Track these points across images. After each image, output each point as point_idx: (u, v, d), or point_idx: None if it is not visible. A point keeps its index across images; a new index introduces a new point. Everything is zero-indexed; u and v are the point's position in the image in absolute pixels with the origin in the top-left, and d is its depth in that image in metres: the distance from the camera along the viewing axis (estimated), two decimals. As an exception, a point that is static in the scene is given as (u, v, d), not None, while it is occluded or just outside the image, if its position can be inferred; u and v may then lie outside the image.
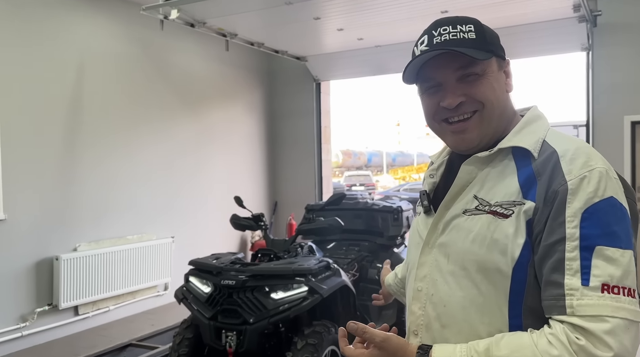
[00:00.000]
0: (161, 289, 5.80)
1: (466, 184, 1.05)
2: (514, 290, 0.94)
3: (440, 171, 1.18)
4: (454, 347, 0.92)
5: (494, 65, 1.04)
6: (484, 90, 1.02)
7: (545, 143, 0.99)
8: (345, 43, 6.42)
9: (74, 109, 4.91)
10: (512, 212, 0.95)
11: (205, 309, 3.09)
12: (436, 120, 1.08)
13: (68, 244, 4.81)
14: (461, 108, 1.03)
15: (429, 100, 1.07)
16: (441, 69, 1.03)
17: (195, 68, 6.33)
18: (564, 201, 0.90)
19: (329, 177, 7.70)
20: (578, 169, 0.92)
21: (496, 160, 1.03)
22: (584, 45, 5.62)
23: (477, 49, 1.00)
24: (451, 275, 1.01)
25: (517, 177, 0.98)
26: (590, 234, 0.87)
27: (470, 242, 0.98)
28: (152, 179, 5.69)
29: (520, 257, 0.93)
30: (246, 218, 3.71)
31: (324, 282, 3.06)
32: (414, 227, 1.19)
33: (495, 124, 1.04)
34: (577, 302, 0.85)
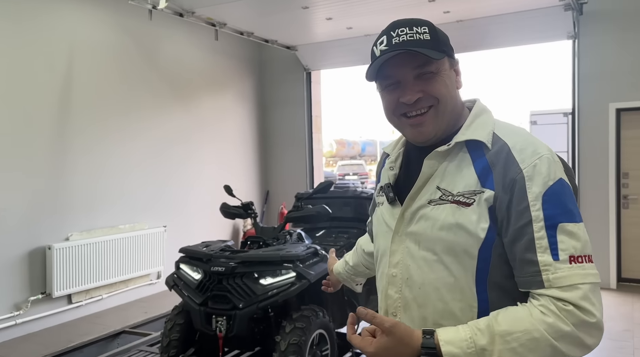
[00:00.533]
0: (154, 278, 5.86)
1: (429, 176, 1.14)
2: (480, 268, 1.05)
3: (399, 163, 1.26)
4: (457, 328, 1.00)
5: (446, 64, 1.14)
6: (439, 87, 1.12)
7: (495, 135, 1.10)
8: (334, 32, 6.45)
9: (64, 99, 4.92)
10: (474, 201, 1.05)
11: (196, 295, 3.16)
12: (395, 115, 1.17)
13: (60, 234, 4.86)
14: (419, 103, 1.12)
15: (389, 96, 1.16)
16: (400, 68, 1.12)
17: (185, 58, 6.34)
18: (524, 188, 1.01)
19: (320, 166, 7.76)
20: (529, 158, 1.03)
21: (453, 153, 1.13)
22: (569, 33, 5.68)
23: (431, 49, 1.09)
24: (423, 260, 1.11)
25: (473, 168, 1.08)
26: (552, 214, 1.00)
27: (438, 229, 1.08)
28: (144, 168, 5.73)
29: (485, 239, 1.04)
30: (236, 207, 3.77)
31: (312, 268, 3.13)
32: (380, 216, 1.27)
33: (448, 118, 1.14)
34: (552, 275, 0.97)
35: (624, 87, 5.54)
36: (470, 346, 0.97)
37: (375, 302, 3.99)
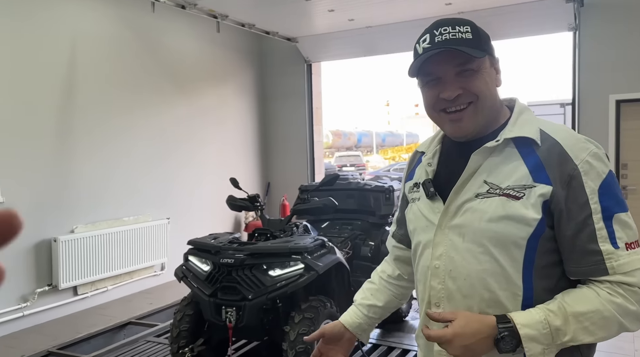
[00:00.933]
0: (158, 269, 5.91)
1: (474, 171, 1.18)
2: (527, 257, 1.11)
3: (436, 159, 1.30)
4: (529, 311, 1.08)
5: (487, 63, 1.18)
6: (479, 84, 1.16)
7: (543, 132, 1.16)
8: (336, 24, 6.45)
9: (68, 92, 4.92)
10: (524, 195, 1.11)
11: (205, 287, 3.20)
12: (435, 110, 1.21)
13: (65, 226, 4.89)
14: (458, 99, 1.16)
15: (430, 92, 1.20)
16: (441, 65, 1.16)
17: (187, 50, 6.34)
18: (581, 182, 1.08)
19: (320, 158, 7.79)
20: (581, 154, 1.10)
21: (499, 149, 1.17)
22: (570, 25, 5.71)
23: (473, 48, 1.14)
24: (468, 252, 1.16)
25: (524, 163, 1.13)
26: (608, 205, 1.09)
27: (487, 221, 1.13)
28: (146, 161, 5.75)
29: (535, 230, 1.10)
30: (242, 199, 3.80)
31: (320, 260, 3.17)
32: (417, 212, 1.29)
33: (487, 114, 1.19)
34: (616, 263, 1.06)
35: (624, 78, 5.59)
36: (545, 327, 1.04)
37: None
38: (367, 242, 4.15)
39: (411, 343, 3.84)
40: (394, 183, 4.45)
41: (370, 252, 4.09)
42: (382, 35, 6.65)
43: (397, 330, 4.16)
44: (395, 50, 7.01)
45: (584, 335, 1.05)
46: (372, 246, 4.13)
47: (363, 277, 3.95)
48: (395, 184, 4.43)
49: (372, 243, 4.14)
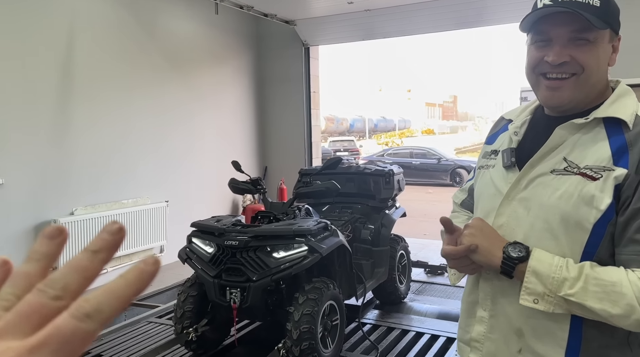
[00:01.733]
0: (157, 252, 5.94)
1: (556, 146, 1.13)
2: (591, 243, 1.06)
3: (524, 129, 1.24)
4: (553, 255, 1.06)
5: (606, 37, 1.10)
6: (589, 57, 1.08)
7: (638, 116, 1.08)
8: (334, 7, 6.42)
9: (66, 74, 4.88)
10: (601, 176, 1.04)
11: (209, 268, 3.24)
12: (535, 73, 1.14)
13: (65, 208, 4.89)
14: (562, 67, 1.09)
15: (536, 52, 1.13)
16: (557, 27, 1.08)
17: (185, 31, 6.28)
18: None
19: (318, 142, 7.81)
20: None
21: (587, 127, 1.11)
22: (569, 11, 5.72)
23: (597, 17, 1.05)
24: (530, 226, 1.12)
25: (608, 145, 1.07)
26: None
27: (557, 198, 1.08)
28: (145, 143, 5.74)
29: (604, 215, 1.04)
30: (245, 182, 3.82)
31: (323, 242, 3.22)
32: (488, 179, 1.26)
33: (588, 91, 1.11)
34: None
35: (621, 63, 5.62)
36: (557, 272, 1.02)
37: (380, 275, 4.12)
38: (367, 225, 4.21)
39: (410, 324, 3.92)
40: (394, 167, 4.49)
41: (370, 235, 4.14)
42: (381, 19, 6.62)
43: (396, 311, 4.24)
44: (394, 34, 6.99)
45: (589, 297, 0.99)
46: (372, 229, 4.18)
47: (363, 260, 4.04)
48: (395, 168, 4.48)
49: (372, 226, 4.19)
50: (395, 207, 4.54)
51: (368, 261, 4.05)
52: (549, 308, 1.03)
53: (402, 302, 4.41)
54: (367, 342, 3.58)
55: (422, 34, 6.97)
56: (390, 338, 3.70)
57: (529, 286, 1.04)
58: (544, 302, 1.03)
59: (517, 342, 1.14)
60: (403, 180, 4.61)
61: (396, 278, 4.33)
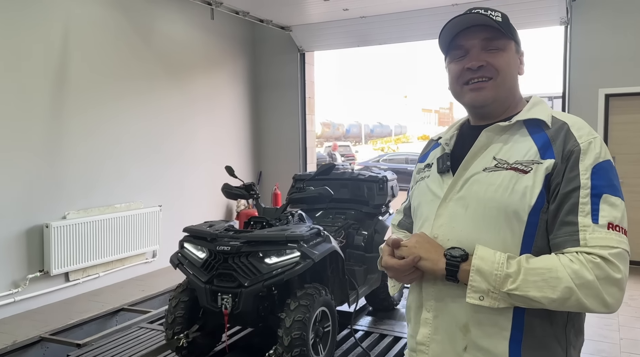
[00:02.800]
0: (149, 256, 5.91)
1: (484, 147, 1.25)
2: (527, 233, 1.14)
3: (453, 141, 1.36)
4: (494, 251, 1.12)
5: (513, 48, 1.27)
6: (502, 62, 1.24)
7: (554, 117, 1.23)
8: (330, 13, 6.44)
9: (60, 78, 4.87)
10: (531, 169, 1.15)
11: (201, 274, 3.22)
12: (459, 84, 1.28)
13: (57, 212, 4.86)
14: (481, 71, 1.23)
15: (456, 66, 1.28)
16: (471, 39, 1.25)
17: (180, 36, 6.28)
18: (578, 158, 1.13)
19: (312, 148, 7.81)
20: (586, 136, 1.16)
21: (511, 130, 1.24)
22: (562, 19, 5.77)
23: (501, 28, 1.22)
24: (469, 221, 1.19)
25: (533, 142, 1.19)
26: (598, 184, 1.10)
27: (493, 191, 1.17)
28: (139, 147, 5.72)
29: (536, 203, 1.12)
30: (238, 187, 3.81)
31: (315, 248, 3.21)
32: (424, 187, 1.36)
33: (506, 93, 1.26)
34: (589, 235, 1.07)
35: (613, 73, 5.67)
36: (499, 270, 1.08)
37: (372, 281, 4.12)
38: (360, 231, 4.20)
39: (402, 331, 3.91)
40: (388, 173, 4.49)
41: (363, 241, 4.13)
42: (376, 26, 6.65)
43: (389, 318, 4.23)
44: (389, 41, 7.02)
45: (530, 288, 1.05)
46: (366, 235, 4.17)
47: (356, 266, 4.03)
48: (389, 174, 4.48)
49: (365, 232, 4.18)
50: (389, 213, 4.54)
51: (361, 267, 4.04)
52: (494, 304, 1.09)
53: (394, 308, 4.40)
54: (359, 349, 3.56)
55: (418, 40, 6.99)
56: (383, 345, 3.69)
57: (474, 284, 1.10)
58: (489, 299, 1.09)
59: (462, 340, 1.18)
60: (397, 186, 4.61)
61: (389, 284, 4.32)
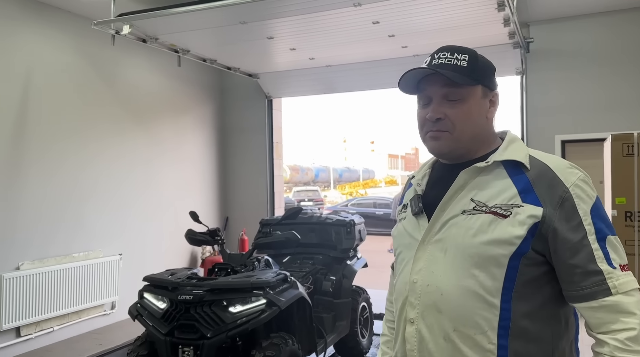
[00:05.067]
0: (108, 308, 5.63)
1: (462, 188, 1.21)
2: (508, 277, 1.10)
3: (425, 181, 1.34)
4: None
5: (478, 93, 1.22)
6: (460, 115, 1.20)
7: (532, 157, 1.19)
8: (297, 62, 6.58)
9: (19, 122, 4.75)
10: (511, 213, 1.12)
11: (161, 325, 3.08)
12: (423, 131, 1.26)
13: (11, 263, 4.61)
14: (438, 123, 1.21)
15: (421, 112, 1.26)
16: (431, 86, 1.22)
17: (147, 83, 6.28)
18: (574, 204, 1.10)
19: (280, 192, 7.78)
20: (571, 177, 1.13)
21: (488, 170, 1.20)
22: (518, 69, 6.07)
23: (463, 75, 1.18)
24: (448, 266, 1.15)
25: (513, 184, 1.16)
26: (600, 227, 1.10)
27: (472, 236, 1.13)
28: (100, 194, 5.56)
29: (518, 249, 1.10)
30: (202, 233, 3.73)
31: (282, 295, 3.13)
32: (402, 230, 1.32)
33: (465, 143, 1.23)
34: (617, 282, 1.06)
35: (567, 120, 5.95)
36: None
37: (341, 328, 4.03)
38: (328, 276, 4.14)
39: (373, 380, 3.79)
40: (355, 217, 4.49)
41: (331, 287, 4.07)
42: (341, 74, 6.82)
43: (359, 367, 4.11)
44: (354, 88, 7.20)
45: None
46: (334, 280, 4.11)
47: (324, 313, 3.94)
48: (357, 218, 4.47)
49: (334, 278, 4.12)
50: (357, 257, 4.51)
51: (329, 314, 3.95)
52: None
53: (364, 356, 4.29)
54: (328, 401, 3.43)
55: (381, 89, 7.19)
56: (353, 396, 3.56)
57: None
58: None
59: None
60: (364, 230, 4.60)
61: (358, 332, 4.23)
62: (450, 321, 1.13)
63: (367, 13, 4.60)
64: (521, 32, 5.34)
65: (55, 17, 5.09)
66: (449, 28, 5.08)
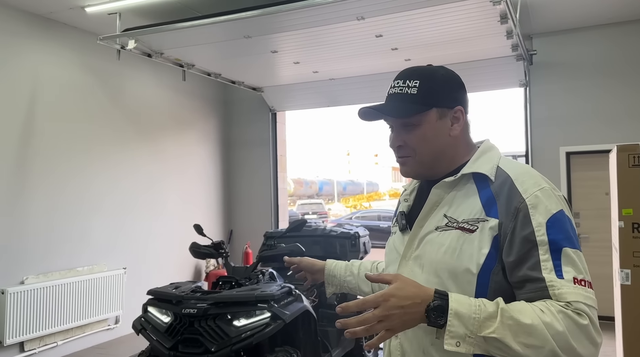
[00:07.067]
0: (112, 323, 5.60)
1: (435, 204, 1.23)
2: (479, 293, 1.10)
3: (413, 196, 1.37)
4: (467, 297, 1.05)
5: (433, 116, 1.22)
6: (417, 140, 1.22)
7: (500, 168, 1.19)
8: (300, 75, 6.62)
9: (25, 136, 4.78)
10: (477, 228, 1.13)
11: (165, 339, 3.05)
12: (395, 154, 1.31)
13: (15, 277, 4.61)
14: (400, 150, 1.26)
15: (390, 138, 1.30)
16: (388, 116, 1.26)
17: (152, 97, 6.32)
18: (528, 215, 1.08)
19: (285, 205, 7.77)
20: (531, 188, 1.12)
21: (460, 184, 1.21)
22: (521, 81, 6.08)
23: (412, 103, 1.20)
24: (426, 282, 1.14)
25: (479, 198, 1.17)
26: (555, 239, 1.06)
27: (443, 253, 1.15)
28: (105, 209, 5.57)
29: (484, 265, 1.10)
30: (206, 246, 3.71)
31: (287, 308, 3.10)
32: (391, 244, 1.35)
33: (429, 164, 1.25)
34: (558, 291, 1.02)
35: (572, 131, 5.94)
36: (477, 312, 1.00)
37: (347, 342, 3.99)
38: (333, 290, 4.10)
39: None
40: (360, 229, 4.47)
41: (336, 300, 4.03)
42: (344, 87, 6.86)
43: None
44: (357, 101, 7.22)
45: (507, 332, 0.98)
46: (339, 293, 4.07)
47: (329, 326, 3.91)
48: (361, 231, 4.46)
49: (338, 291, 4.09)
50: (362, 270, 4.47)
51: (334, 327, 3.91)
52: (470, 349, 1.00)
53: (370, 371, 4.24)
54: (334, 417, 3.38)
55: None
56: (358, 411, 3.51)
57: (452, 329, 1.00)
58: (465, 344, 1.00)
59: None
60: (369, 242, 4.58)
61: (363, 345, 4.18)
62: (427, 335, 1.14)
63: (370, 26, 4.63)
64: (524, 44, 5.37)
65: (62, 32, 5.16)
66: (452, 41, 5.10)
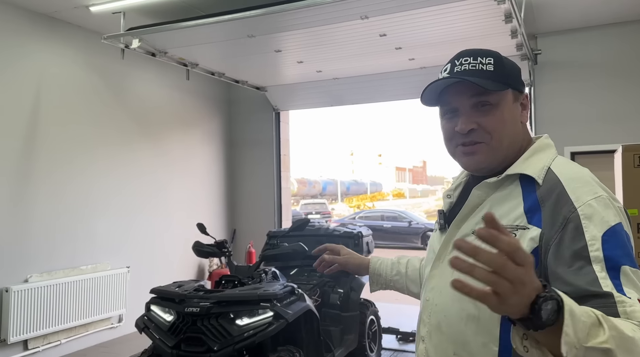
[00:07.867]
0: (115, 321, 5.61)
1: (475, 206, 1.12)
2: None
3: (457, 192, 1.26)
4: None
5: (509, 97, 1.11)
6: (495, 122, 1.09)
7: (550, 171, 1.06)
8: (304, 75, 6.61)
9: (29, 135, 4.79)
10: (515, 235, 1.00)
11: (168, 338, 3.06)
12: (452, 144, 1.15)
13: (19, 275, 4.62)
14: (471, 134, 1.10)
15: (447, 124, 1.15)
16: (457, 96, 1.11)
17: (155, 96, 6.33)
18: (580, 227, 0.94)
19: (288, 205, 7.76)
20: (585, 196, 0.97)
21: (504, 185, 1.10)
22: (526, 81, 6.05)
23: (492, 81, 1.07)
24: None
25: (522, 202, 1.04)
26: (613, 255, 0.91)
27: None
28: (109, 208, 5.58)
29: None
30: (209, 245, 3.72)
31: (289, 307, 3.10)
32: (430, 243, 1.27)
33: (504, 152, 1.11)
34: (630, 308, 0.86)
35: (577, 131, 5.91)
36: (590, 316, 0.81)
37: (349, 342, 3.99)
38: (336, 289, 4.10)
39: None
40: (363, 229, 4.47)
41: (339, 299, 4.03)
42: (348, 87, 6.84)
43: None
44: (361, 101, 7.21)
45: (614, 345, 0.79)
46: (342, 293, 4.07)
47: (332, 326, 3.90)
48: (365, 230, 4.45)
49: (341, 290, 4.09)
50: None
51: (337, 327, 3.91)
52: None
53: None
54: (337, 417, 3.37)
55: (388, 101, 7.20)
56: (361, 411, 3.51)
57: (568, 331, 0.77)
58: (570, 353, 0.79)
59: None
60: (372, 242, 4.57)
61: (366, 346, 4.18)
62: (450, 344, 1.09)
63: (374, 26, 4.62)
64: (529, 43, 5.34)
65: (66, 31, 5.17)
66: (456, 40, 5.08)
